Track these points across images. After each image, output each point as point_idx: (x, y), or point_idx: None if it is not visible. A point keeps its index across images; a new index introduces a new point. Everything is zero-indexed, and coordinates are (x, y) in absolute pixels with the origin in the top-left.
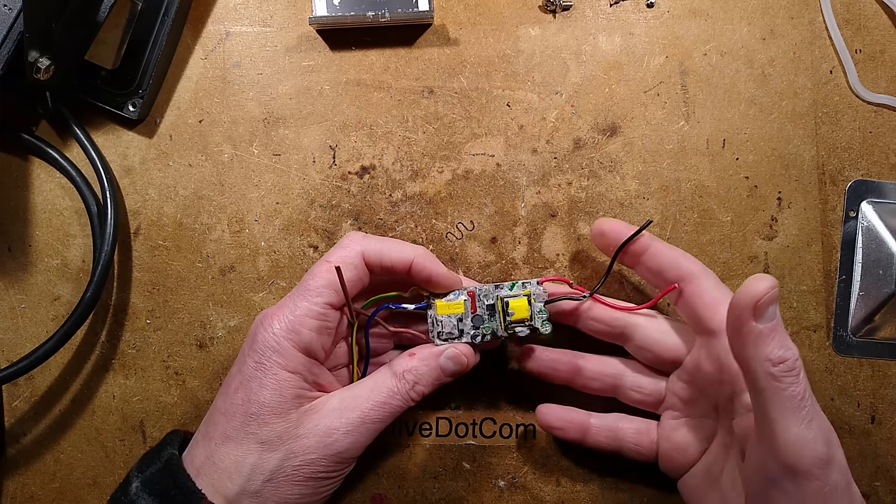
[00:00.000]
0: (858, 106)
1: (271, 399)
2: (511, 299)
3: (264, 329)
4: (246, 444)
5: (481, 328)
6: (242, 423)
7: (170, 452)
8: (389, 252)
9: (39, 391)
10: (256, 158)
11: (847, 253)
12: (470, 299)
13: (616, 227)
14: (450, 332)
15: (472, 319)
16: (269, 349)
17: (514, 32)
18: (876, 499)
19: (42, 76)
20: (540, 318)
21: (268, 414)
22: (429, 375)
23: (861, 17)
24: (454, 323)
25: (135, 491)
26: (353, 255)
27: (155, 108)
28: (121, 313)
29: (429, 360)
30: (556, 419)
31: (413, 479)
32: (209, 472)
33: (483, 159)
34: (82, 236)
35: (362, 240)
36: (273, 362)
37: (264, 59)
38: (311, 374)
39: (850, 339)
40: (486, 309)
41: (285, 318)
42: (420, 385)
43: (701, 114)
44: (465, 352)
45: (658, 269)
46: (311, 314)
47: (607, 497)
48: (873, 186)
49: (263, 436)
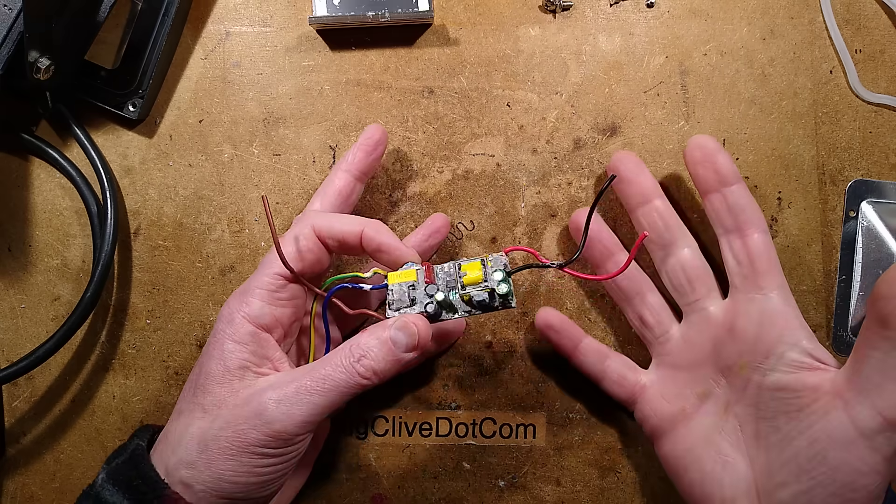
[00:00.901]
0: (858, 106)
1: (215, 368)
2: (465, 263)
3: (223, 306)
4: (192, 414)
5: (435, 295)
6: (192, 395)
7: (136, 444)
8: (340, 224)
9: (39, 391)
10: (256, 158)
11: (847, 253)
12: (424, 269)
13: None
14: (399, 300)
15: (426, 288)
16: (223, 322)
17: (514, 32)
18: None
19: (42, 76)
20: (495, 280)
21: (212, 383)
22: (377, 349)
23: (861, 17)
24: (405, 290)
25: (100, 482)
26: (305, 226)
27: (155, 108)
28: (121, 313)
29: (378, 333)
30: (556, 320)
31: (413, 479)
32: (160, 447)
33: (483, 159)
34: (82, 236)
35: (315, 215)
36: (223, 333)
37: (264, 59)
38: (259, 347)
39: (850, 339)
40: (446, 285)
41: (240, 293)
42: (368, 359)
43: (701, 114)
44: (415, 321)
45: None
46: (260, 284)
47: (607, 497)
48: (873, 186)
49: (206, 404)
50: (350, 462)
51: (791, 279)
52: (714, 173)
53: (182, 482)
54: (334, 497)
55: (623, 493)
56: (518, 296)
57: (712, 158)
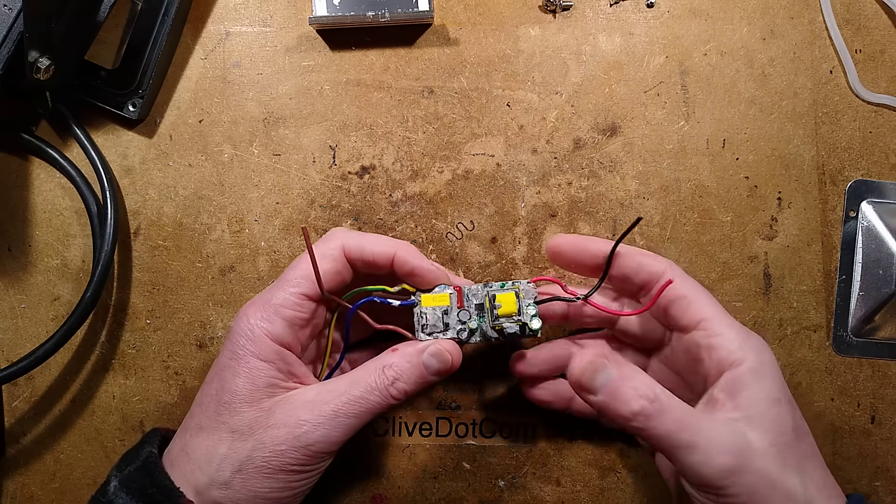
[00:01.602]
0: (858, 106)
1: (243, 387)
2: (499, 293)
3: (240, 319)
4: (217, 434)
5: (468, 323)
6: (215, 413)
7: (148, 451)
8: (371, 246)
9: (39, 391)
10: (256, 158)
11: (847, 253)
12: (457, 294)
13: (573, 242)
14: (434, 325)
15: (458, 314)
16: (244, 337)
17: (514, 32)
18: (876, 499)
19: (42, 76)
20: (528, 314)
21: (239, 402)
22: (410, 372)
23: (861, 17)
24: (439, 316)
25: (112, 490)
26: (333, 248)
27: (155, 108)
28: (121, 313)
29: (411, 357)
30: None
31: (413, 479)
32: (182, 463)
33: (483, 159)
34: (82, 236)
35: (343, 234)
36: (246, 351)
37: (264, 59)
38: (285, 364)
39: (850, 339)
40: (475, 308)
41: (261, 308)
42: (401, 382)
43: (701, 114)
44: (450, 349)
45: (623, 276)
46: (285, 304)
47: (607, 497)
48: (873, 186)
49: (234, 424)
50: (350, 462)
51: (791, 279)
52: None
53: (215, 502)
54: (334, 497)
55: (623, 493)
56: None
57: (577, 251)
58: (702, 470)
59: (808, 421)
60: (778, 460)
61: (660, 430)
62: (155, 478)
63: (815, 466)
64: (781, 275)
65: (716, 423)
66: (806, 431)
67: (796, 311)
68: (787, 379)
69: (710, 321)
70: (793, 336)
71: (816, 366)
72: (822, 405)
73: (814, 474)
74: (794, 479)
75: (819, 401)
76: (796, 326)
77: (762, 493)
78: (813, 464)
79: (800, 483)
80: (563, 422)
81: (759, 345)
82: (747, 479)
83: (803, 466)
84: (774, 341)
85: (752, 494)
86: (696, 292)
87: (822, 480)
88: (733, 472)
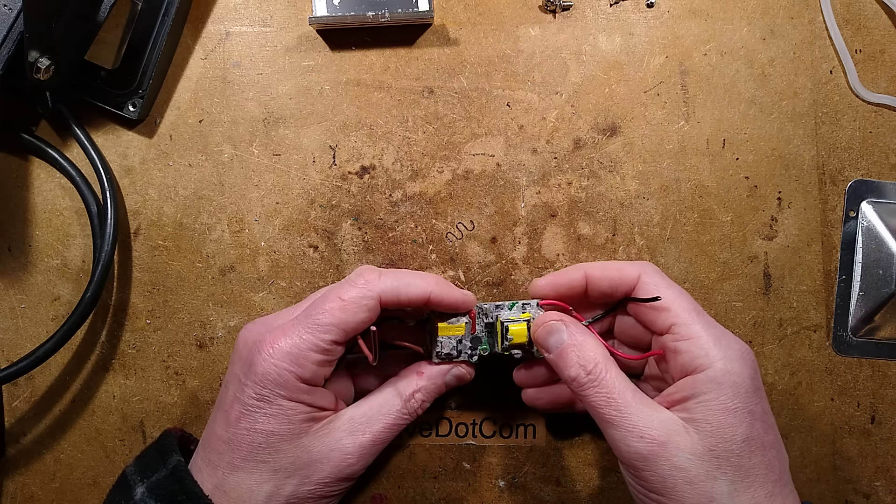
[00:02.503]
0: (858, 106)
1: (281, 428)
2: (511, 324)
3: (263, 358)
4: (258, 473)
5: (479, 348)
6: (250, 453)
7: (176, 459)
8: (406, 290)
9: (39, 391)
10: (256, 158)
11: (847, 253)
12: (471, 321)
13: (551, 283)
14: (448, 353)
15: (470, 340)
16: (271, 381)
17: (514, 32)
18: (876, 499)
19: (42, 76)
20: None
21: (279, 442)
22: (434, 392)
23: (861, 17)
24: (454, 344)
25: (140, 496)
26: (370, 298)
27: (155, 108)
28: (121, 313)
29: (436, 379)
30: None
31: (413, 479)
32: (219, 499)
33: (483, 159)
34: (82, 236)
35: (378, 281)
36: (276, 394)
37: (264, 59)
38: (317, 399)
39: (850, 339)
40: (485, 327)
41: (288, 349)
42: (427, 402)
43: (701, 114)
44: (470, 371)
45: (603, 295)
46: (316, 349)
47: (607, 497)
48: (873, 186)
49: (276, 464)
50: None
51: (791, 279)
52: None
53: None
54: None
55: (623, 493)
56: (518, 296)
57: (556, 290)
58: (619, 446)
59: (808, 421)
60: (709, 464)
61: (590, 401)
62: (185, 485)
63: (761, 484)
64: (781, 275)
65: (647, 411)
66: (767, 445)
67: (796, 311)
68: (787, 379)
69: (679, 326)
70: (793, 336)
71: (816, 366)
72: (822, 405)
73: (756, 491)
74: (723, 487)
75: (819, 401)
76: (796, 326)
77: (677, 489)
78: (760, 481)
79: (728, 493)
80: (564, 422)
81: (731, 353)
82: (662, 470)
83: (743, 478)
84: (774, 341)
85: (664, 485)
86: (670, 295)
87: (765, 500)
88: (647, 459)
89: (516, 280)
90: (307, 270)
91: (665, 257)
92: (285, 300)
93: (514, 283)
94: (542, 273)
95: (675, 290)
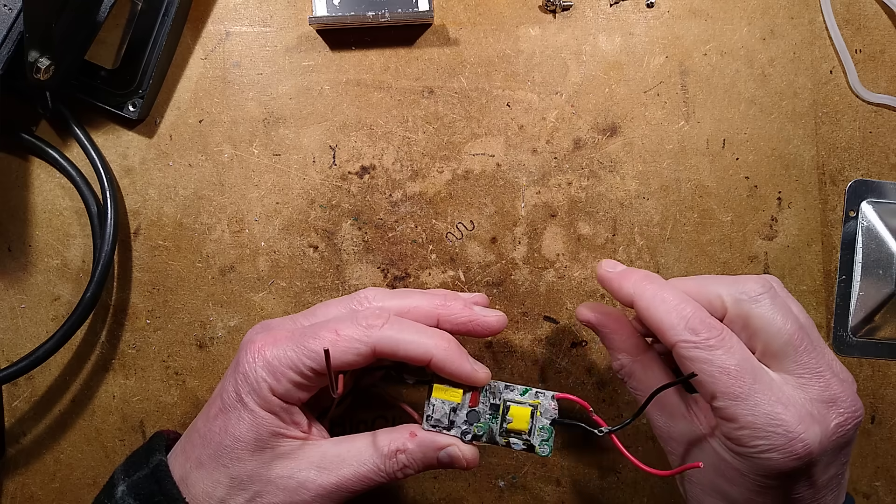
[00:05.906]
0: (858, 106)
1: (246, 435)
2: (513, 405)
3: (247, 359)
4: (216, 476)
5: (475, 426)
6: (216, 453)
7: (158, 459)
8: (406, 348)
9: (39, 391)
10: (256, 158)
11: (847, 253)
12: (471, 395)
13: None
14: (438, 420)
15: (467, 414)
16: (248, 385)
17: (514, 32)
18: (876, 499)
19: (42, 76)
20: (540, 437)
21: (242, 449)
22: (421, 463)
23: (861, 17)
24: (446, 412)
25: (120, 495)
26: (365, 345)
27: (155, 108)
28: (121, 313)
29: (427, 451)
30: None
31: (413, 479)
32: (185, 492)
33: (483, 159)
34: (82, 236)
35: (380, 329)
36: (251, 399)
37: (264, 59)
38: (288, 416)
39: (850, 339)
40: (490, 408)
41: (270, 359)
42: (410, 469)
43: (701, 114)
44: (469, 457)
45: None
46: (295, 369)
47: (607, 497)
48: (873, 186)
49: (234, 472)
50: None
51: (791, 279)
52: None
53: None
54: None
55: (623, 493)
56: (518, 296)
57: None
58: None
59: None
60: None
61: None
62: (164, 486)
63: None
64: (781, 275)
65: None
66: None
67: None
68: None
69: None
70: None
71: None
72: None
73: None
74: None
75: None
76: None
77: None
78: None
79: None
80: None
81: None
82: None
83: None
84: None
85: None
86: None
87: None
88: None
89: (516, 280)
90: (307, 270)
91: (665, 257)
92: (285, 300)
93: (514, 283)
94: (543, 272)
95: (667, 298)
